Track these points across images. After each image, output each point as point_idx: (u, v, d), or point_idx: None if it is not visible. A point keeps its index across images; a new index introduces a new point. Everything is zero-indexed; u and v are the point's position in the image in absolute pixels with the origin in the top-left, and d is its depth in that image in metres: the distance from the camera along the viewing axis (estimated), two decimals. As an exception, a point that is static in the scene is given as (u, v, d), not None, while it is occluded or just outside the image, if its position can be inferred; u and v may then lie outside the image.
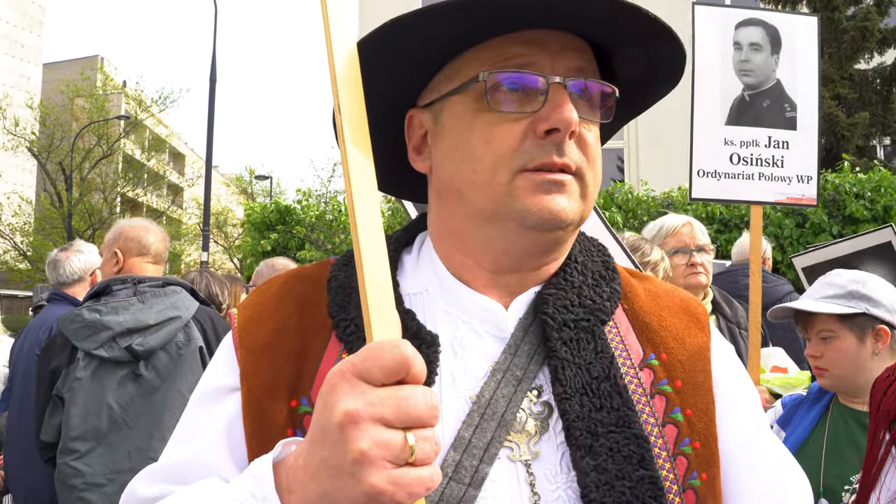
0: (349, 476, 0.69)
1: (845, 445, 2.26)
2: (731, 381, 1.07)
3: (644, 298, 1.09)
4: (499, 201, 0.94)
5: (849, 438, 2.27)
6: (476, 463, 0.90)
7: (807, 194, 3.25)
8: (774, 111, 3.21)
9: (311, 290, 1.05)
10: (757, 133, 3.20)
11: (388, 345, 0.70)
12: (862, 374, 2.26)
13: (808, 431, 2.36)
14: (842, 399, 2.38)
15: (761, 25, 3.22)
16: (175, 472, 0.98)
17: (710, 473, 0.98)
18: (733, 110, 3.19)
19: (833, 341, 2.31)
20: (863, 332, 2.27)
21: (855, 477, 2.16)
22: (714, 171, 3.19)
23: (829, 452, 2.26)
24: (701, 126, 3.19)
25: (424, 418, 0.70)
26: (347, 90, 0.82)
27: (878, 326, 2.26)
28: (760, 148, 3.20)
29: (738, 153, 3.19)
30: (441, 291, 1.03)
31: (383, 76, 0.98)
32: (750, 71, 3.19)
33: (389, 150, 1.08)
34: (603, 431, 0.92)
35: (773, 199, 3.25)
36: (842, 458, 2.22)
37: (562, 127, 0.91)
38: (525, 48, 0.95)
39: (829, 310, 2.28)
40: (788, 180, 3.23)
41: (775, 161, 3.21)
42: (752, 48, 3.20)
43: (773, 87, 3.22)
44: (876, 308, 2.26)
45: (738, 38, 3.19)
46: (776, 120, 3.21)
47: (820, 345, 2.34)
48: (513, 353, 0.97)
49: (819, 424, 2.38)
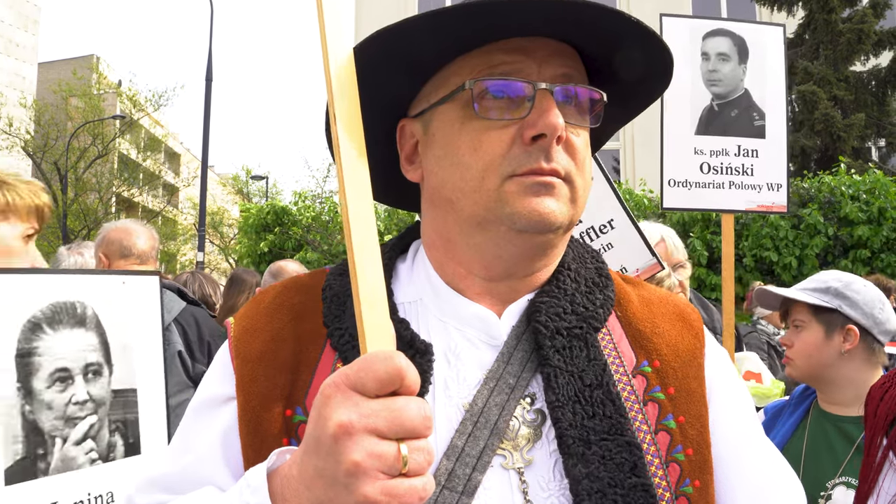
0: (343, 487, 0.69)
1: (822, 450, 2.27)
2: (724, 387, 1.08)
3: (637, 305, 1.09)
4: (488, 207, 0.94)
5: (826, 443, 2.28)
6: (469, 471, 0.90)
7: (777, 202, 3.27)
8: (743, 120, 3.23)
9: (306, 299, 1.06)
10: (726, 142, 3.21)
11: (382, 356, 0.71)
12: (825, 369, 2.30)
13: (788, 437, 2.37)
14: (821, 404, 2.39)
15: (728, 36, 3.24)
16: (172, 482, 0.99)
17: (702, 480, 0.98)
18: (702, 120, 3.21)
19: (802, 331, 2.36)
20: (831, 327, 2.30)
21: (830, 482, 2.17)
22: (685, 181, 3.18)
23: (807, 457, 2.27)
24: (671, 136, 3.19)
25: (418, 429, 0.70)
26: (343, 101, 0.83)
27: (847, 326, 2.28)
28: (730, 157, 3.21)
29: (707, 162, 3.20)
30: (435, 300, 1.04)
31: (374, 87, 0.99)
32: (718, 81, 3.21)
33: (383, 160, 1.09)
34: (595, 439, 0.92)
35: (745, 207, 3.25)
36: (818, 462, 2.23)
37: (548, 132, 0.92)
38: (511, 56, 0.96)
39: (802, 298, 2.34)
40: (759, 188, 3.24)
41: (745, 169, 3.22)
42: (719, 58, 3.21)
43: (742, 97, 3.24)
44: (851, 308, 2.28)
45: (706, 48, 3.21)
46: (745, 129, 3.23)
47: (792, 334, 2.40)
48: (506, 361, 0.98)
49: (798, 429, 2.39)
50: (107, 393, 1.69)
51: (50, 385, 1.60)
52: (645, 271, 2.47)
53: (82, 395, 1.64)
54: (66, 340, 1.64)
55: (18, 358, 1.56)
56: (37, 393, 1.58)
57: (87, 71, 33.79)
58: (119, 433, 1.69)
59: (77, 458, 1.61)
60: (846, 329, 2.28)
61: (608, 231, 2.49)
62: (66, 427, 1.61)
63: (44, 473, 1.56)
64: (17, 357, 1.56)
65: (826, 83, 14.55)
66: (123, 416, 1.70)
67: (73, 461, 1.60)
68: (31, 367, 1.57)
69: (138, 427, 1.72)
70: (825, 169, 11.70)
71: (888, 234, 9.43)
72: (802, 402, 2.46)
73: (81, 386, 1.64)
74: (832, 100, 14.47)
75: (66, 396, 1.61)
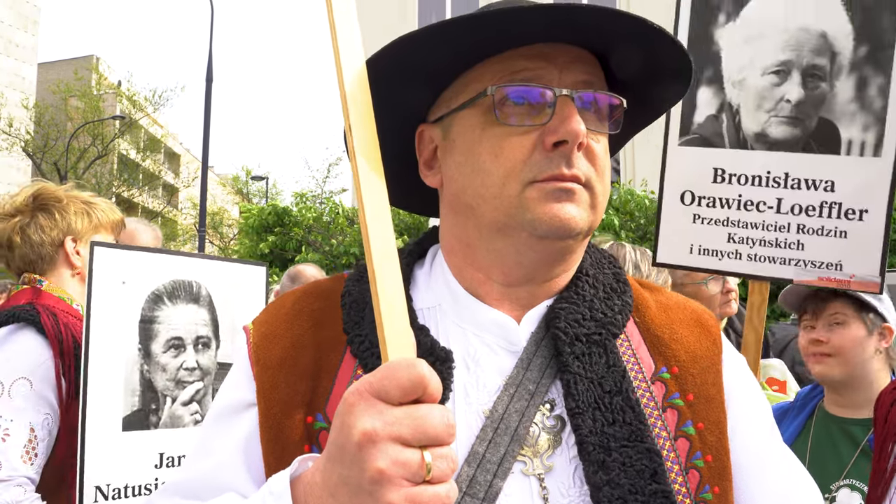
0: (367, 494, 0.69)
1: (827, 453, 2.26)
2: (742, 393, 1.08)
3: (655, 311, 1.09)
4: (509, 213, 0.95)
5: (831, 445, 2.27)
6: (490, 478, 0.90)
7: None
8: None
9: (325, 306, 1.06)
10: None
11: (405, 364, 0.71)
12: (860, 366, 2.27)
13: (793, 439, 2.36)
14: (827, 406, 2.38)
15: None
16: (193, 488, 0.98)
17: (722, 487, 0.98)
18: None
19: (842, 327, 2.28)
20: (873, 325, 2.28)
21: (835, 484, 2.16)
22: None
23: (811, 459, 2.26)
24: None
25: (441, 437, 0.70)
26: (357, 111, 0.83)
27: (884, 325, 2.29)
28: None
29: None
30: (453, 306, 1.04)
31: (394, 93, 0.99)
32: None
33: (400, 164, 1.09)
34: (616, 446, 0.92)
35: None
36: (823, 466, 2.22)
37: (570, 139, 0.92)
38: (532, 62, 0.96)
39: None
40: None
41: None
42: None
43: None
44: (887, 311, 2.30)
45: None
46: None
47: (827, 330, 2.30)
48: (525, 367, 0.97)
49: (803, 432, 2.38)
50: (213, 364, 1.93)
51: (165, 350, 1.85)
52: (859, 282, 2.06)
53: (192, 363, 1.89)
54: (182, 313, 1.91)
55: (141, 324, 1.82)
56: (154, 355, 1.83)
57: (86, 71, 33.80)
58: None
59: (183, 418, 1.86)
60: (882, 328, 2.27)
61: (854, 219, 2.03)
62: (177, 389, 1.86)
63: (154, 426, 1.83)
64: (141, 323, 1.82)
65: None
66: None
67: (179, 419, 1.86)
68: (152, 333, 1.84)
69: None
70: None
71: (890, 235, 9.43)
72: (807, 404, 2.46)
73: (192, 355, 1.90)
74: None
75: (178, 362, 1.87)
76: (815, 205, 2.09)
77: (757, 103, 2.14)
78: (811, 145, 2.10)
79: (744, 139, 2.17)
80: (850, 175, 2.06)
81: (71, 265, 2.19)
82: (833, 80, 2.08)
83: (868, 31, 2.03)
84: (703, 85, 2.19)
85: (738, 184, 2.18)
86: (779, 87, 2.12)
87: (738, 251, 2.20)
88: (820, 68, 2.09)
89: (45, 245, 2.17)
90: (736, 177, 2.18)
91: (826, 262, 2.09)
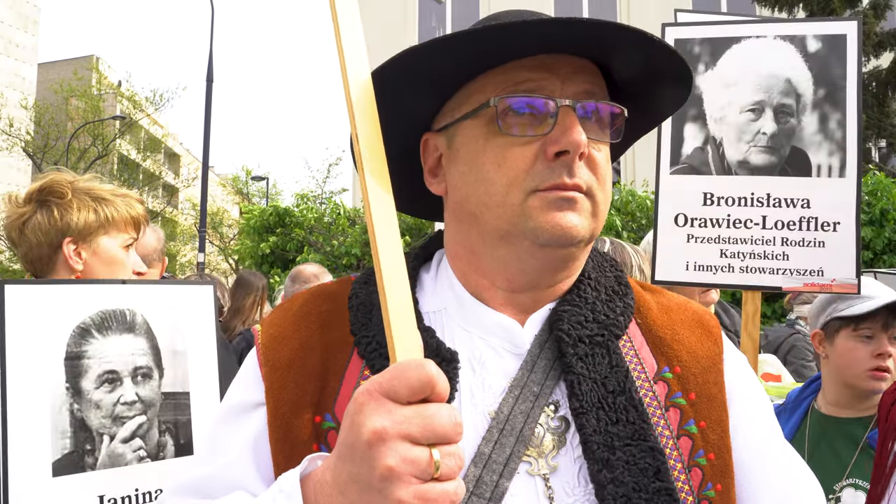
0: (377, 492, 0.71)
1: (825, 454, 2.27)
2: (744, 392, 1.09)
3: (657, 312, 1.11)
4: (512, 221, 0.96)
5: (828, 446, 2.28)
6: (496, 478, 0.92)
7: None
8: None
9: (333, 307, 1.08)
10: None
11: (414, 364, 0.72)
12: None
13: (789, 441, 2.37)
14: (821, 406, 2.39)
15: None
16: (203, 487, 1.00)
17: (724, 484, 0.99)
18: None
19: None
20: None
21: (838, 485, 2.17)
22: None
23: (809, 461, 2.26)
24: None
25: (449, 435, 0.72)
26: (364, 119, 0.85)
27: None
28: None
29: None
30: (459, 310, 1.06)
31: (399, 101, 1.01)
32: None
33: (406, 171, 1.11)
34: (619, 445, 0.94)
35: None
36: (823, 467, 2.21)
37: (571, 149, 0.94)
38: (534, 73, 0.98)
39: None
40: None
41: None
42: None
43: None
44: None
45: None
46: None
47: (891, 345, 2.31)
48: (529, 369, 0.99)
49: (798, 433, 2.38)
50: (156, 395, 1.79)
51: (98, 386, 1.71)
52: (840, 285, 2.33)
53: (130, 397, 1.75)
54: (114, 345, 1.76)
55: (68, 361, 1.69)
56: (85, 393, 1.69)
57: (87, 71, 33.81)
58: (169, 433, 1.77)
59: (125, 455, 1.72)
60: None
61: (829, 231, 2.37)
62: (114, 425, 1.72)
63: (91, 468, 1.67)
64: (67, 360, 1.69)
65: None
66: (175, 417, 1.79)
67: (120, 458, 1.71)
68: (81, 369, 1.70)
69: (190, 428, 1.80)
70: (826, 170, 11.70)
71: (890, 236, 9.44)
72: (799, 405, 2.46)
73: (130, 388, 1.75)
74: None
75: (115, 397, 1.73)
76: (795, 220, 2.44)
77: (737, 136, 2.52)
78: (787, 170, 2.48)
79: (728, 167, 2.52)
80: (822, 193, 2.44)
81: (70, 269, 2.02)
82: (800, 115, 2.50)
83: (824, 76, 2.48)
84: (689, 121, 2.56)
85: (727, 205, 2.51)
86: (755, 122, 2.51)
87: (730, 265, 2.49)
88: (788, 106, 2.50)
89: (43, 246, 2.02)
90: (724, 199, 2.51)
91: (809, 270, 2.41)
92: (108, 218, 2.08)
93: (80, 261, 2.03)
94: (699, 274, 2.51)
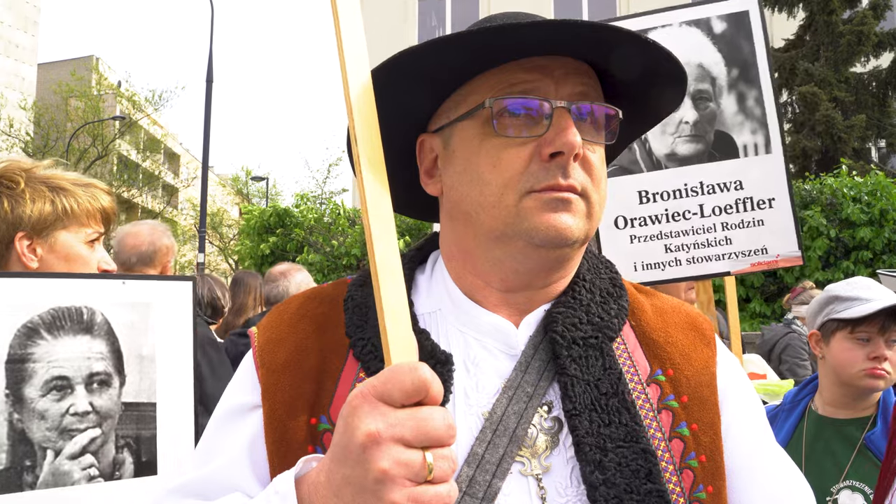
0: (371, 494, 0.72)
1: (822, 455, 2.26)
2: (736, 395, 1.10)
3: (651, 315, 1.11)
4: (507, 222, 0.97)
5: (825, 447, 2.28)
6: (489, 478, 0.93)
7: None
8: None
9: (328, 310, 1.08)
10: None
11: (408, 368, 0.73)
12: None
13: (786, 442, 2.35)
14: (818, 407, 2.39)
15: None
16: (199, 488, 1.01)
17: (715, 486, 1.00)
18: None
19: None
20: None
21: (835, 487, 2.17)
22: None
23: (807, 462, 2.26)
24: None
25: (442, 438, 0.73)
26: (363, 120, 0.85)
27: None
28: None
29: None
30: (453, 310, 1.06)
31: (396, 101, 1.01)
32: None
33: (402, 172, 1.11)
34: (612, 446, 0.95)
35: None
36: (820, 468, 2.22)
37: (566, 150, 0.94)
38: (529, 74, 0.98)
39: None
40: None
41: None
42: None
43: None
44: None
45: None
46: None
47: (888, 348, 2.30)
48: (523, 371, 1.00)
49: (795, 435, 2.38)
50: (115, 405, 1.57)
51: (45, 393, 1.50)
52: (785, 259, 2.40)
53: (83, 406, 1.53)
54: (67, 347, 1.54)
55: (8, 364, 1.48)
56: (28, 401, 1.48)
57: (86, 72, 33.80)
58: (129, 450, 1.57)
59: (72, 474, 1.50)
60: None
61: (765, 208, 2.40)
62: (61, 439, 1.51)
63: (30, 486, 1.46)
64: (8, 364, 1.48)
65: (826, 84, 14.59)
66: (136, 431, 1.59)
67: (66, 476, 1.49)
68: (24, 374, 1.49)
69: (155, 444, 1.59)
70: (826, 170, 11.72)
71: (890, 236, 9.44)
72: (796, 407, 2.45)
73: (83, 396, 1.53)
74: (833, 101, 14.50)
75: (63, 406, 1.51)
76: (731, 203, 2.47)
77: (661, 129, 2.52)
78: (714, 155, 2.51)
79: (657, 161, 2.54)
80: (753, 172, 2.47)
81: (24, 267, 1.78)
82: (718, 99, 2.52)
83: (734, 56, 2.49)
84: None
85: (662, 200, 2.53)
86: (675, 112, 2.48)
87: (676, 258, 2.52)
88: (705, 92, 2.52)
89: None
90: (659, 194, 2.53)
91: (753, 250, 2.45)
92: (66, 210, 1.83)
93: (35, 258, 1.79)
94: (648, 273, 2.52)
